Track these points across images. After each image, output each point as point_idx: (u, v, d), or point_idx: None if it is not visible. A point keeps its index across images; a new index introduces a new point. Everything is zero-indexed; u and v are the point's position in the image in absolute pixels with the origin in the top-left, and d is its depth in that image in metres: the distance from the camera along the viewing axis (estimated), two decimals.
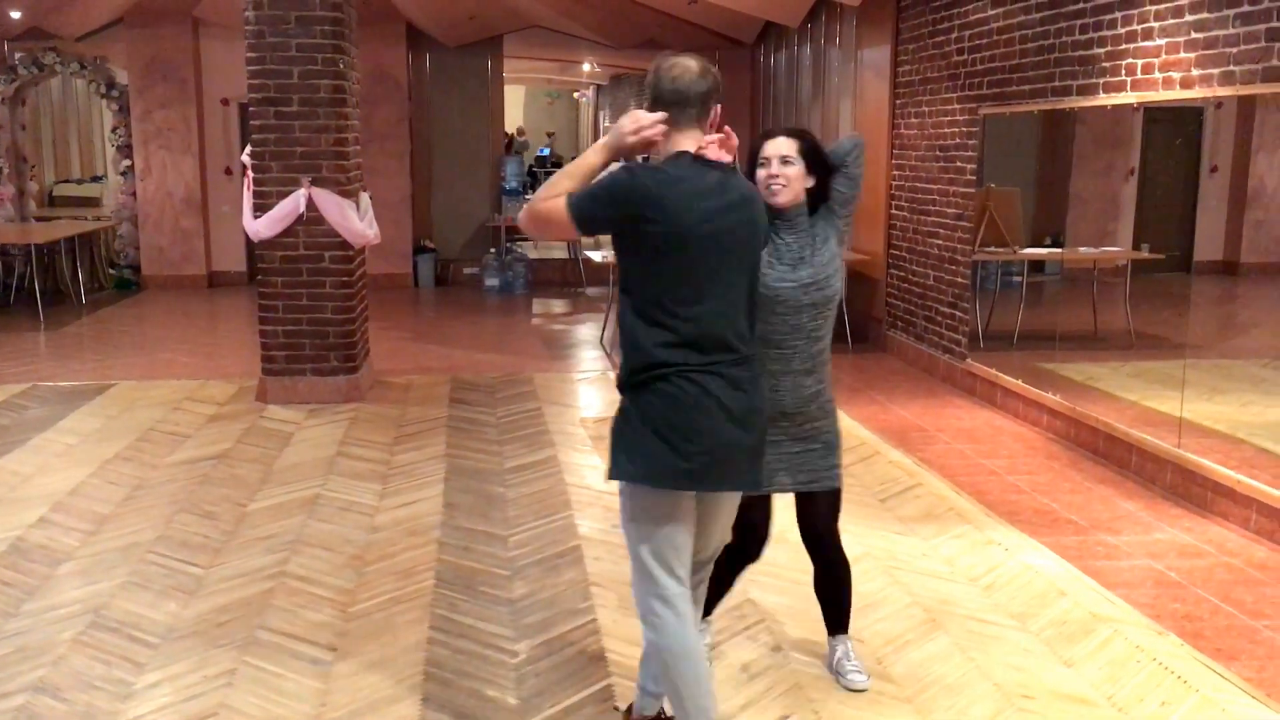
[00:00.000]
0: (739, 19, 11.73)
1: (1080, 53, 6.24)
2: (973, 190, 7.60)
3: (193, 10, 11.80)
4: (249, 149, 7.18)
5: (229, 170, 12.30)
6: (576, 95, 23.17)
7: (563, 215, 2.73)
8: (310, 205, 7.07)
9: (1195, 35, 5.29)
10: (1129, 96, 5.84)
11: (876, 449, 6.24)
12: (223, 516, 5.09)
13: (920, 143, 8.30)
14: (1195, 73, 5.30)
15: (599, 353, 9.10)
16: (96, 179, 14.43)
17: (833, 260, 3.27)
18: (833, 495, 3.42)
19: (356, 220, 7.22)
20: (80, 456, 6.01)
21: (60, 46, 11.96)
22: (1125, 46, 5.83)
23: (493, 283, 12.57)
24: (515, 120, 21.38)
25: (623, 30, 12.67)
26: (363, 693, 3.48)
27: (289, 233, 7.13)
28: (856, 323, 9.29)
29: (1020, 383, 6.95)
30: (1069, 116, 6.80)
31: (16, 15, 11.35)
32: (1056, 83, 6.48)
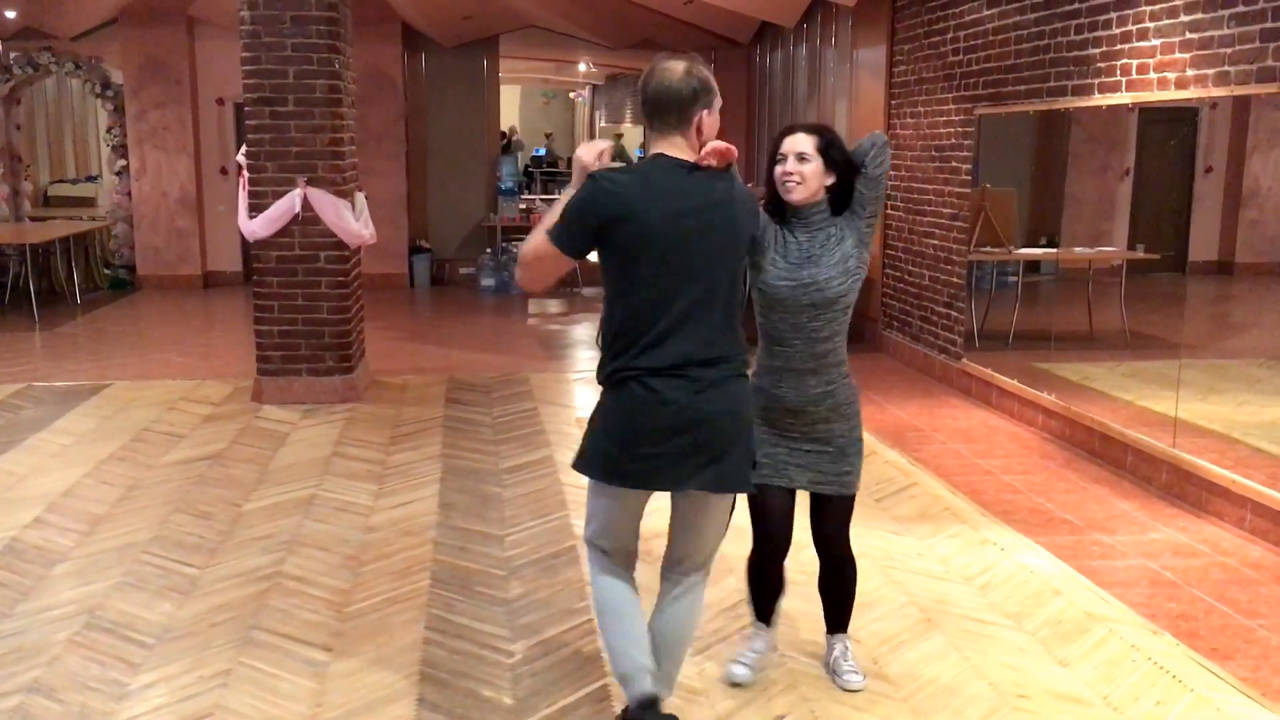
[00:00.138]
0: (735, 19, 11.73)
1: (1075, 53, 6.25)
2: (968, 190, 7.61)
3: (188, 10, 11.79)
4: (244, 149, 7.18)
5: (224, 170, 12.29)
6: (572, 95, 23.17)
7: (547, 247, 2.83)
8: (306, 205, 7.06)
9: (1190, 36, 5.30)
10: (1124, 97, 5.85)
11: (872, 449, 6.22)
12: (218, 517, 5.09)
13: (916, 143, 8.31)
14: (1190, 73, 5.31)
15: (595, 353, 9.09)
16: (91, 179, 14.41)
17: (844, 262, 3.19)
18: (843, 501, 3.40)
19: (352, 220, 7.22)
20: (75, 457, 6.00)
21: (55, 46, 11.95)
22: (1120, 47, 5.84)
23: (489, 283, 12.56)
24: (510, 120, 21.36)
25: (618, 30, 12.68)
26: (358, 693, 3.47)
27: (284, 233, 7.13)
28: (852, 322, 9.25)
29: (1016, 383, 6.95)
30: (1064, 117, 6.81)
31: (11, 15, 11.33)
32: (1052, 83, 6.49)
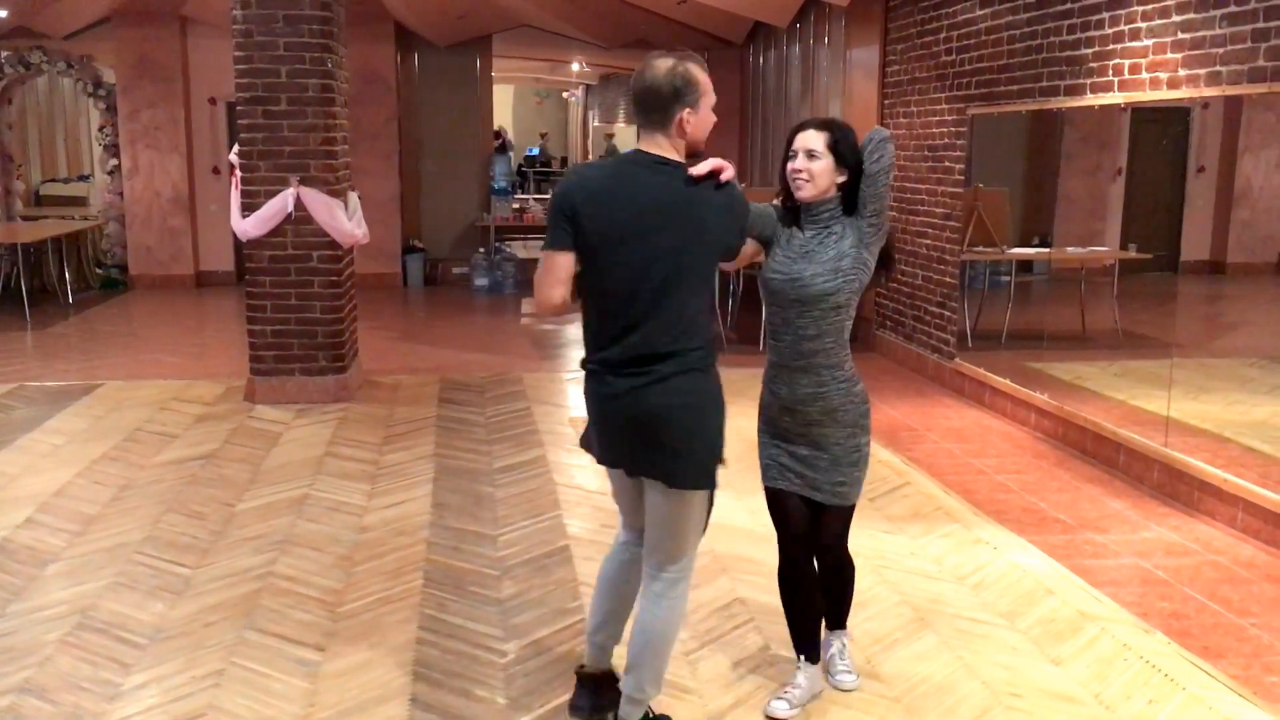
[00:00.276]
0: (728, 19, 11.74)
1: (1068, 53, 6.26)
2: (961, 190, 7.62)
3: (180, 9, 11.76)
4: (237, 148, 7.17)
5: (217, 169, 12.27)
6: (565, 95, 23.19)
7: (547, 260, 2.94)
8: (298, 205, 7.05)
9: (1182, 36, 5.31)
10: (1116, 97, 5.86)
11: None
12: (210, 517, 5.08)
13: (909, 143, 8.32)
14: (1182, 73, 5.32)
15: None
16: (83, 178, 14.38)
17: (837, 261, 3.12)
18: (839, 511, 3.30)
19: (345, 220, 7.21)
20: (67, 457, 5.99)
21: (47, 45, 11.91)
22: (1113, 47, 5.85)
23: (482, 282, 12.55)
24: (504, 120, 21.37)
25: (612, 30, 12.68)
26: (351, 693, 3.47)
27: (277, 232, 7.12)
28: None
29: (1008, 382, 6.97)
30: (1057, 117, 6.83)
31: (3, 14, 11.28)
32: (1044, 83, 6.50)
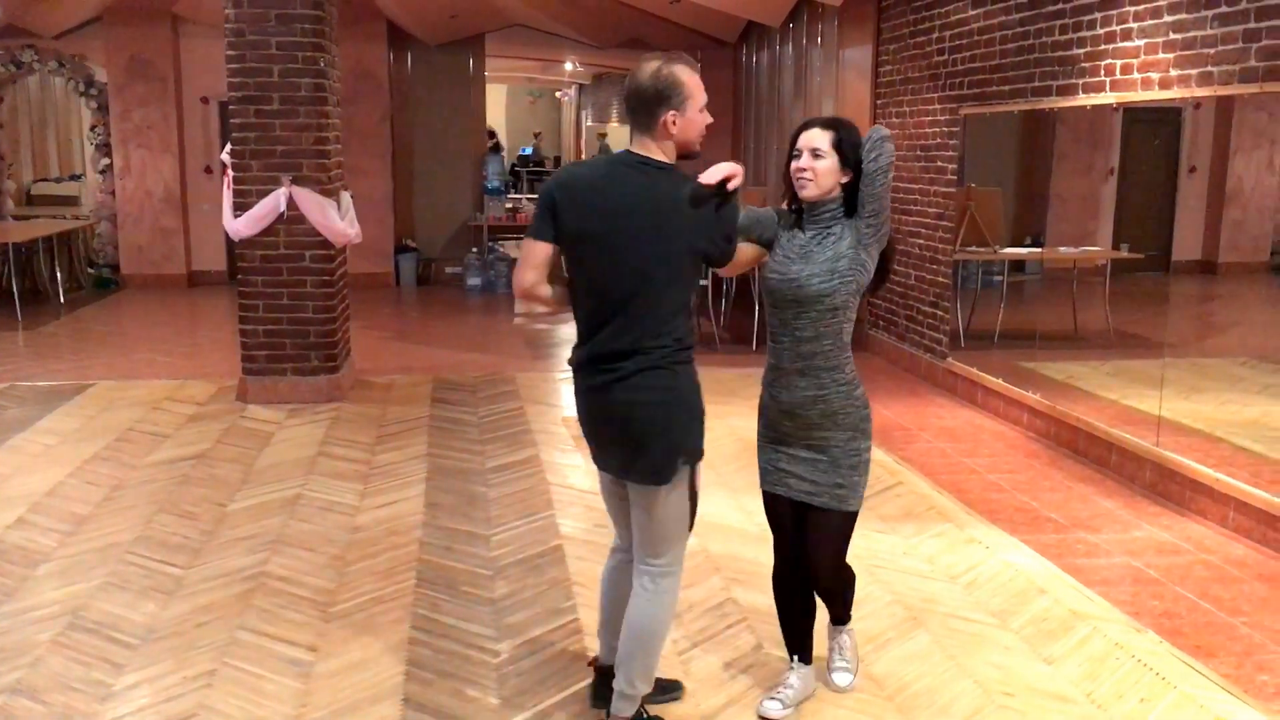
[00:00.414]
0: (721, 18, 11.74)
1: (1060, 53, 6.27)
2: (954, 190, 7.63)
3: (172, 8, 11.74)
4: (229, 147, 7.15)
5: (209, 169, 12.23)
6: (558, 95, 23.15)
7: (526, 245, 3.02)
8: (291, 204, 7.04)
9: (1174, 36, 5.32)
10: (1108, 97, 5.88)
11: None
12: (202, 517, 5.07)
13: (902, 142, 8.33)
14: (1174, 73, 5.33)
15: None
16: (75, 177, 14.33)
17: (834, 262, 3.06)
18: (836, 516, 3.18)
19: (337, 219, 7.19)
20: (58, 457, 5.97)
21: (38, 44, 11.88)
22: (1104, 47, 5.86)
23: (475, 282, 12.54)
24: (496, 119, 21.34)
25: (605, 29, 12.67)
26: (343, 693, 3.47)
27: (269, 232, 7.10)
28: None
29: (1001, 382, 6.98)
30: (1049, 117, 6.84)
31: None
32: (1036, 83, 6.51)
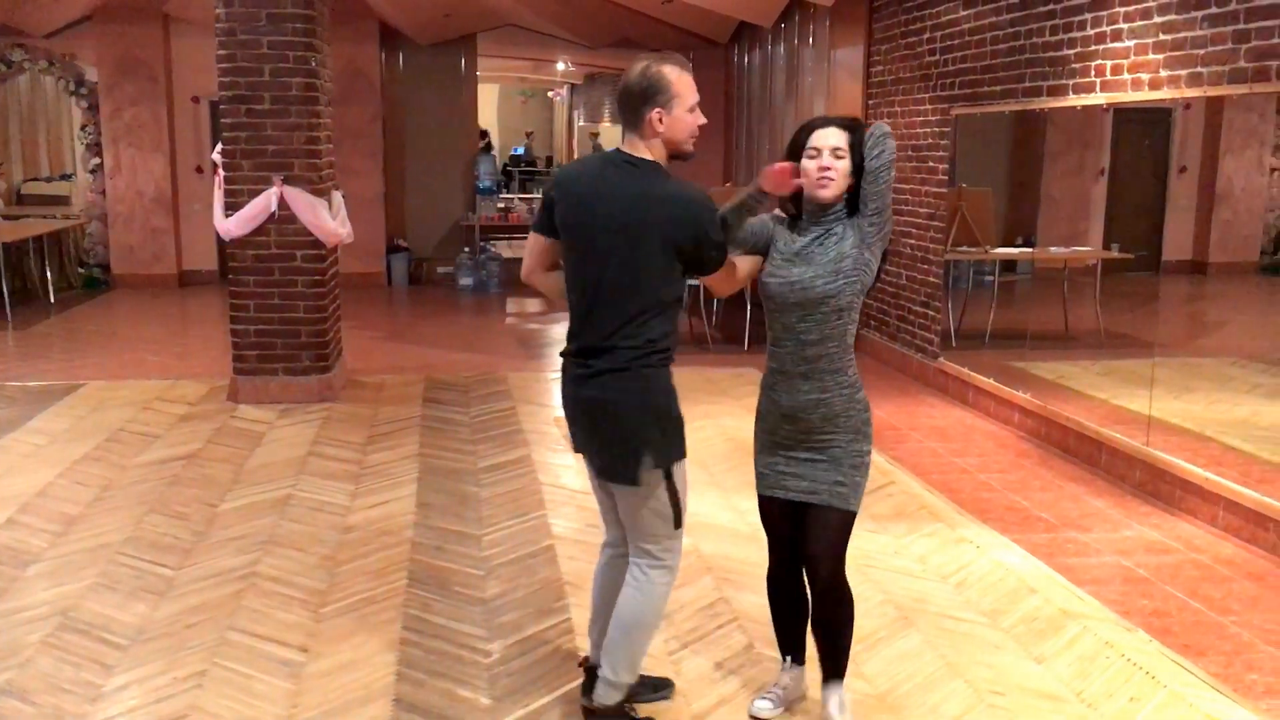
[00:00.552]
0: (713, 18, 11.74)
1: (1050, 54, 6.29)
2: (945, 190, 7.64)
3: (163, 7, 11.70)
4: (220, 147, 7.14)
5: (200, 168, 12.21)
6: (550, 94, 23.15)
7: (529, 239, 3.22)
8: (282, 204, 7.02)
9: (1164, 37, 5.34)
10: (1099, 97, 5.89)
11: None
12: (193, 517, 5.05)
13: None
14: (1164, 74, 5.35)
15: None
16: (65, 177, 14.26)
17: (838, 262, 3.01)
18: (836, 515, 3.11)
19: (329, 219, 7.18)
20: (49, 457, 5.95)
21: (28, 43, 11.83)
22: (1095, 48, 5.88)
23: (466, 282, 12.53)
24: (489, 119, 21.33)
25: (596, 29, 12.67)
26: (335, 694, 3.46)
27: (261, 231, 7.09)
28: None
29: (992, 381, 6.99)
30: (1040, 117, 6.85)
31: None
32: (1027, 83, 6.53)
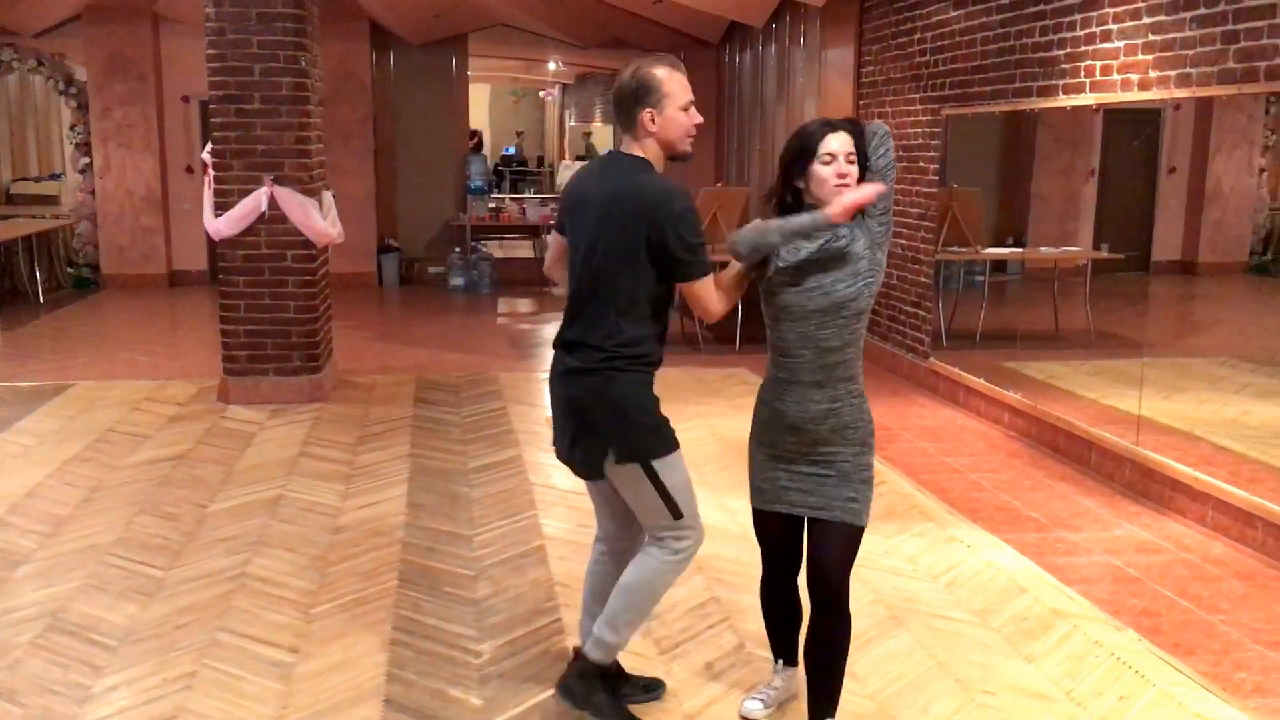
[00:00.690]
0: (704, 19, 11.75)
1: (1040, 54, 6.30)
2: (935, 190, 7.65)
3: (152, 6, 11.67)
4: (210, 147, 7.12)
5: (190, 168, 12.17)
6: (542, 94, 23.13)
7: (551, 238, 3.34)
8: (272, 204, 7.01)
9: (1153, 38, 5.35)
10: (1088, 98, 5.91)
11: None
12: (183, 518, 5.04)
13: None
14: (1153, 74, 5.36)
15: None
16: (55, 176, 14.22)
17: (856, 264, 2.97)
18: (847, 530, 3.05)
19: (319, 219, 7.17)
20: (38, 458, 5.93)
21: (17, 43, 11.78)
22: (1085, 48, 5.89)
23: (458, 282, 12.52)
24: (480, 119, 21.30)
25: (588, 29, 12.66)
26: (325, 694, 3.45)
27: (251, 231, 7.07)
28: None
29: (982, 381, 7.01)
30: (1030, 117, 6.87)
31: None
32: (1017, 84, 6.54)
